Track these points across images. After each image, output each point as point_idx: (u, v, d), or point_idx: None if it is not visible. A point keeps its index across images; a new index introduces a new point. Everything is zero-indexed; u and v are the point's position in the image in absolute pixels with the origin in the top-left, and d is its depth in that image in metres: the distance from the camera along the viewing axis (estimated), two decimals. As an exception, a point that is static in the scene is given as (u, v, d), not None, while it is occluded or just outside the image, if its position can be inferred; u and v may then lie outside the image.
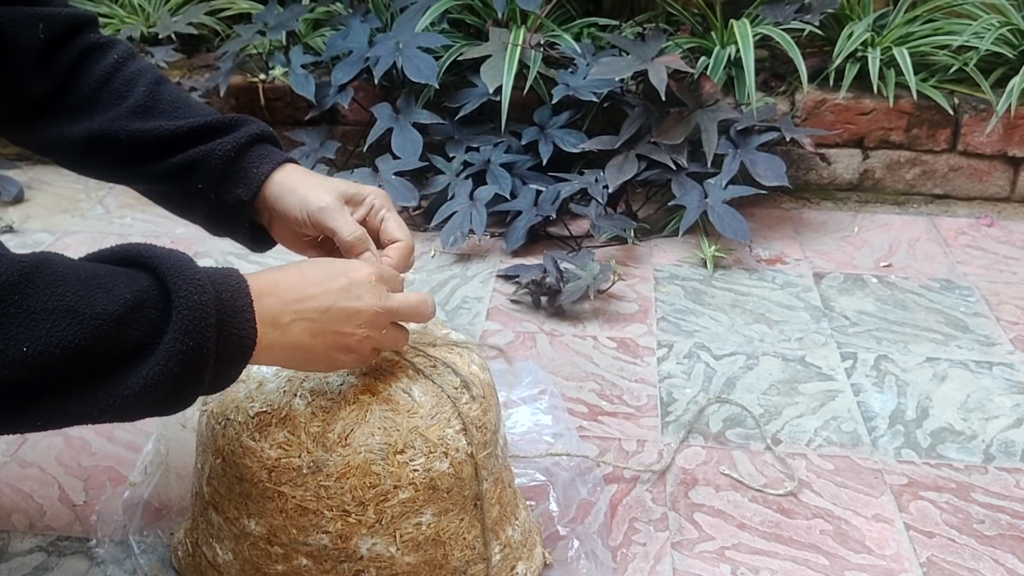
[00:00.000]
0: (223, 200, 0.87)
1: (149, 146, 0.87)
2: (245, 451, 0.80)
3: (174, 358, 0.64)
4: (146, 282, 0.65)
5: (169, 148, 0.87)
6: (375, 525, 0.79)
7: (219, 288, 0.67)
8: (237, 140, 0.87)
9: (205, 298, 0.65)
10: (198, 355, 0.65)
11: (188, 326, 0.64)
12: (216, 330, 0.66)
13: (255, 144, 0.88)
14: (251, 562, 0.83)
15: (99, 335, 0.62)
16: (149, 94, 0.89)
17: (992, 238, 1.69)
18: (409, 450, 0.79)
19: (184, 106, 0.89)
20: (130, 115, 0.87)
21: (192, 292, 0.65)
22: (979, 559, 0.97)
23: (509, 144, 1.70)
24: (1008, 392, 1.25)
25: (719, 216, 1.56)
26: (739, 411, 1.20)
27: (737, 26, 1.70)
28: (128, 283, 0.64)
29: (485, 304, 1.45)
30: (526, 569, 0.90)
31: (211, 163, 0.86)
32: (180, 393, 0.66)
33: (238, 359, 0.69)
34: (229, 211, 0.88)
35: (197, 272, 0.66)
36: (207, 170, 0.86)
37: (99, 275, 0.64)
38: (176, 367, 0.64)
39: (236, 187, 0.87)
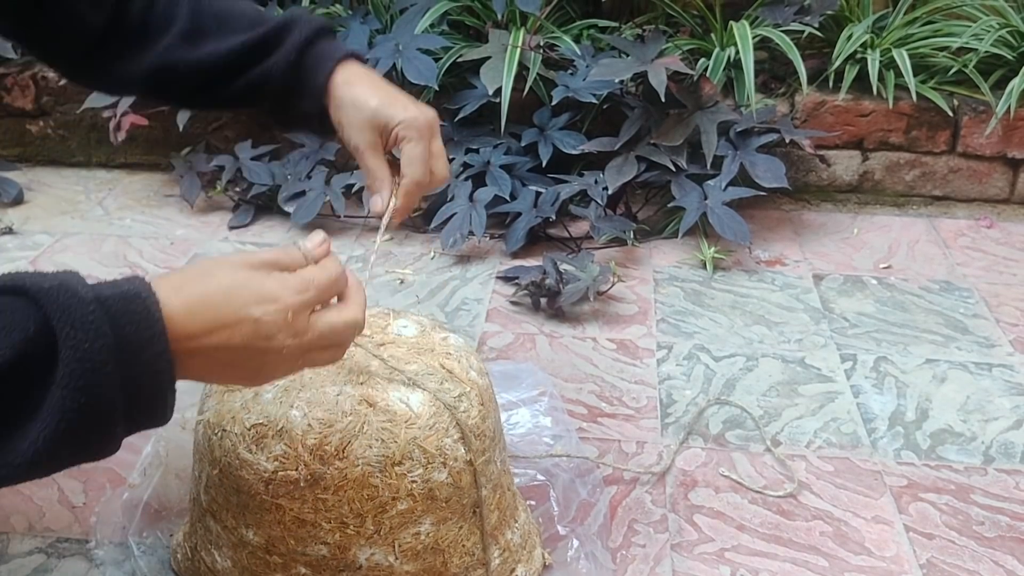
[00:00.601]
0: (294, 116, 0.90)
1: (206, 74, 0.88)
2: (242, 463, 0.79)
3: (67, 416, 0.55)
4: (32, 328, 0.55)
5: (225, 73, 0.88)
6: (374, 536, 0.79)
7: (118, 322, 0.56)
8: (288, 57, 0.87)
9: (98, 344, 0.55)
10: (96, 408, 0.56)
11: (78, 380, 0.54)
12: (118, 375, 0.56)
13: (307, 51, 0.88)
14: (250, 570, 0.83)
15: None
16: (192, 14, 0.88)
17: (992, 240, 1.69)
18: (407, 461, 0.78)
19: (230, 19, 0.89)
20: (181, 41, 0.88)
21: (82, 338, 0.54)
22: (979, 561, 0.97)
23: (509, 146, 1.70)
24: (1008, 394, 1.25)
25: (719, 218, 1.56)
26: (739, 413, 1.20)
27: (737, 28, 1.70)
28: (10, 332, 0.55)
29: (485, 306, 1.45)
30: (525, 571, 0.90)
31: (270, 85, 0.87)
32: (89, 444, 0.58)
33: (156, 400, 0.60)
34: (301, 122, 0.91)
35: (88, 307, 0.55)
36: (269, 92, 0.88)
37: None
38: (72, 425, 0.55)
39: (301, 101, 0.88)
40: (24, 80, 1.88)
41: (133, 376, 0.57)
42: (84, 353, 0.54)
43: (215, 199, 1.75)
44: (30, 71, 1.88)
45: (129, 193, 1.82)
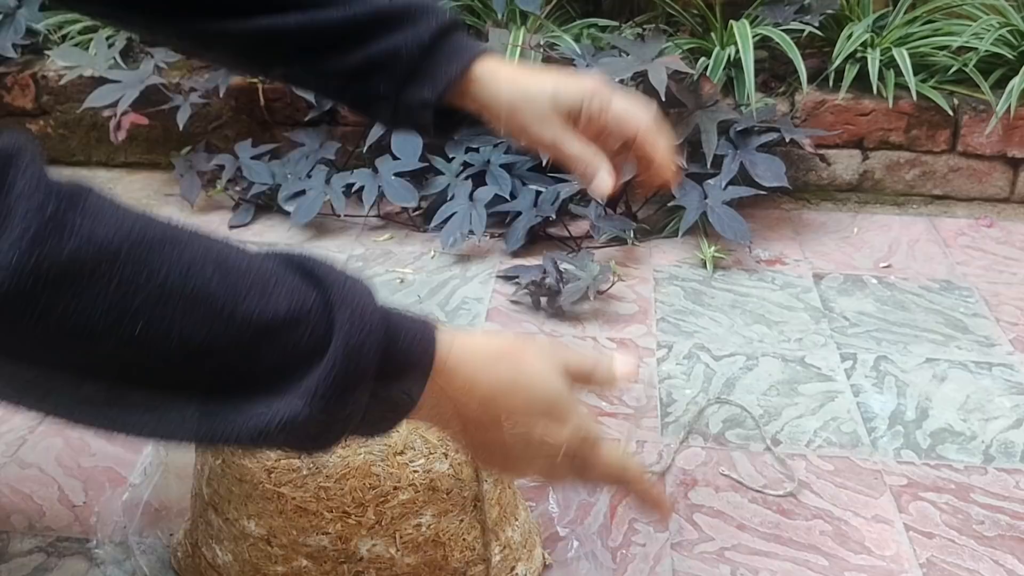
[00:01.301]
0: (405, 102, 0.78)
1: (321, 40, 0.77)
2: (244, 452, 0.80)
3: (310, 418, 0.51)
4: (311, 303, 0.52)
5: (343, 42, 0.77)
6: (375, 526, 0.79)
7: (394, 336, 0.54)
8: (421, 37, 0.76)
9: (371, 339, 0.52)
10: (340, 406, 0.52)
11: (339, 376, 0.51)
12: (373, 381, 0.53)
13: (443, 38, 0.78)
14: (251, 563, 0.83)
15: (231, 343, 0.50)
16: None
17: (992, 239, 1.69)
18: (409, 451, 0.79)
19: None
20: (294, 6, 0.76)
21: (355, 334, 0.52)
22: (979, 560, 0.97)
23: (509, 145, 1.70)
24: (1008, 393, 1.25)
25: (719, 217, 1.56)
26: (739, 412, 1.20)
27: (737, 27, 1.70)
28: (290, 295, 0.52)
29: (485, 305, 1.45)
30: (526, 570, 0.90)
31: (395, 65, 0.76)
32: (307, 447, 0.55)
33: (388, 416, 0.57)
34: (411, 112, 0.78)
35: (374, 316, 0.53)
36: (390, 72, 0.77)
37: (263, 273, 0.52)
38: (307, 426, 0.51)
39: (422, 88, 0.77)
40: (24, 79, 1.88)
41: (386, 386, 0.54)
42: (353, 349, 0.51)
43: (215, 198, 1.75)
44: (30, 70, 1.88)
45: (129, 192, 1.82)
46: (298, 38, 0.77)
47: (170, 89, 1.81)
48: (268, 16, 0.77)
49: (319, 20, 0.76)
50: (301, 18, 0.76)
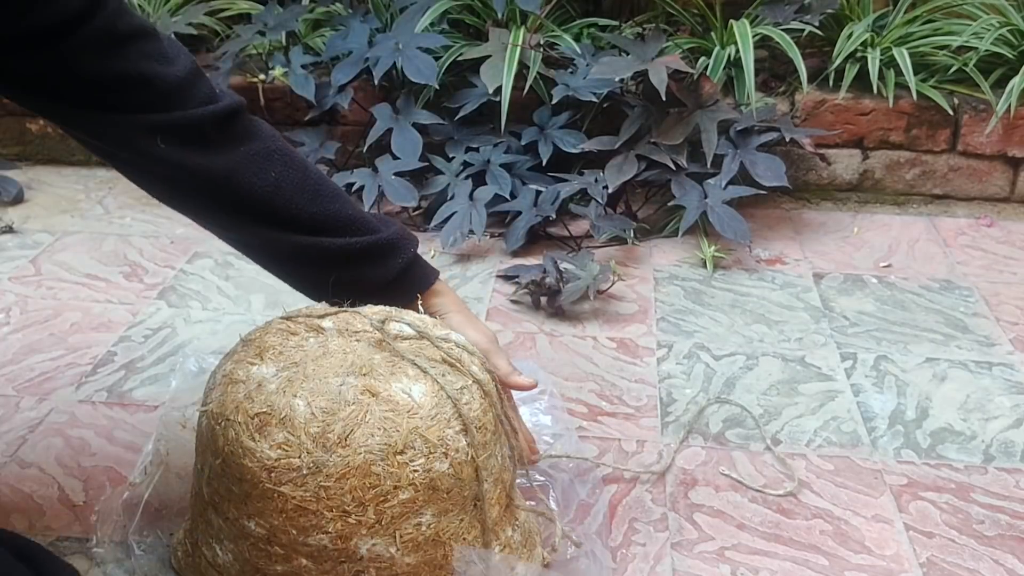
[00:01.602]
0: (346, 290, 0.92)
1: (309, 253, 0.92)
2: (245, 451, 0.80)
3: None
4: None
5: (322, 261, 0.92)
6: (375, 525, 0.79)
7: None
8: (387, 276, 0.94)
9: None
10: None
11: None
12: None
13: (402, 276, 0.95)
14: (251, 563, 0.83)
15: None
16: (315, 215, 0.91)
17: (992, 238, 1.69)
18: (409, 450, 0.79)
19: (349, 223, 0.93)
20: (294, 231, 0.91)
21: None
22: (979, 559, 0.97)
23: (509, 144, 1.70)
24: (1008, 392, 1.25)
25: (719, 216, 1.56)
26: (739, 411, 1.20)
27: (737, 26, 1.70)
28: None
29: (485, 304, 1.45)
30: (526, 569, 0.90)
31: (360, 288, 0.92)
32: None
33: None
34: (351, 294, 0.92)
35: None
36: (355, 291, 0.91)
37: None
38: None
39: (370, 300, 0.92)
40: (24, 79, 1.88)
41: None
42: None
43: (215, 198, 1.74)
44: (30, 70, 1.87)
45: (129, 192, 1.82)
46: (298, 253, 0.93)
47: (170, 89, 1.80)
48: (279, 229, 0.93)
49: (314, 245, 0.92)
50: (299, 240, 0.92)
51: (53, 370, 1.26)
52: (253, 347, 0.86)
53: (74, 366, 1.27)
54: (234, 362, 0.85)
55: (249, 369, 0.83)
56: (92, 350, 1.30)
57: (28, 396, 1.20)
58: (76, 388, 1.22)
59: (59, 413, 1.17)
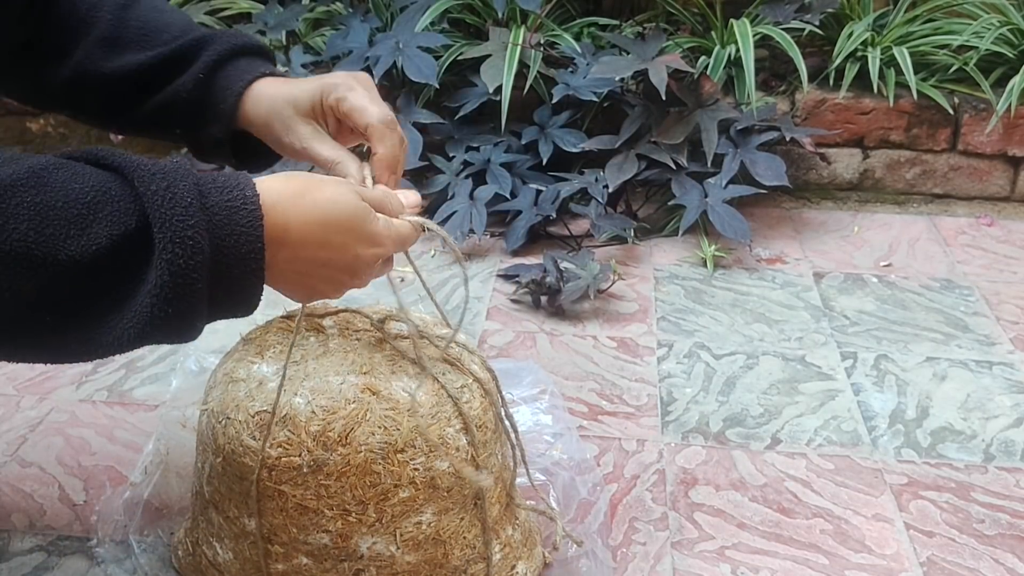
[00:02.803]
0: (204, 142, 0.82)
1: (119, 89, 0.80)
2: (245, 450, 0.80)
3: (152, 321, 0.56)
4: (132, 223, 0.56)
5: (138, 91, 0.80)
6: (375, 524, 0.79)
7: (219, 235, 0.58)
8: (196, 75, 0.78)
9: (194, 261, 0.56)
10: (180, 319, 0.58)
11: (167, 292, 0.56)
12: (208, 289, 0.58)
13: (218, 71, 0.80)
14: (251, 561, 0.83)
15: (60, 284, 0.54)
16: (115, 20, 0.80)
17: (992, 238, 1.69)
18: (409, 449, 0.79)
19: (154, 30, 0.80)
20: (98, 48, 0.80)
21: (179, 253, 0.55)
22: (979, 559, 0.97)
23: (509, 144, 1.70)
24: (1008, 392, 1.25)
25: (719, 216, 1.56)
26: (739, 410, 1.20)
27: (737, 26, 1.70)
28: (110, 223, 0.55)
29: (485, 304, 1.45)
30: (526, 568, 0.90)
31: (178, 106, 0.79)
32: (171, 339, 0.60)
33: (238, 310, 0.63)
34: (214, 151, 0.83)
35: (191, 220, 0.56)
36: (177, 114, 0.79)
37: (79, 203, 0.55)
38: (155, 328, 0.57)
39: (210, 126, 0.80)
40: (24, 78, 1.88)
41: (224, 287, 0.59)
42: (179, 268, 0.55)
43: (215, 197, 1.74)
44: (30, 69, 1.88)
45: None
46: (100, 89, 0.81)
47: (170, 88, 1.80)
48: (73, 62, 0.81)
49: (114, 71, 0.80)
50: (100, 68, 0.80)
51: (53, 369, 1.26)
52: (254, 346, 0.86)
53: (74, 365, 1.27)
54: (235, 361, 0.85)
55: (250, 368, 0.83)
56: (92, 349, 1.30)
57: (28, 395, 1.20)
58: (76, 387, 1.22)
59: (59, 412, 1.17)
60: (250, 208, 0.59)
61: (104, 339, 0.57)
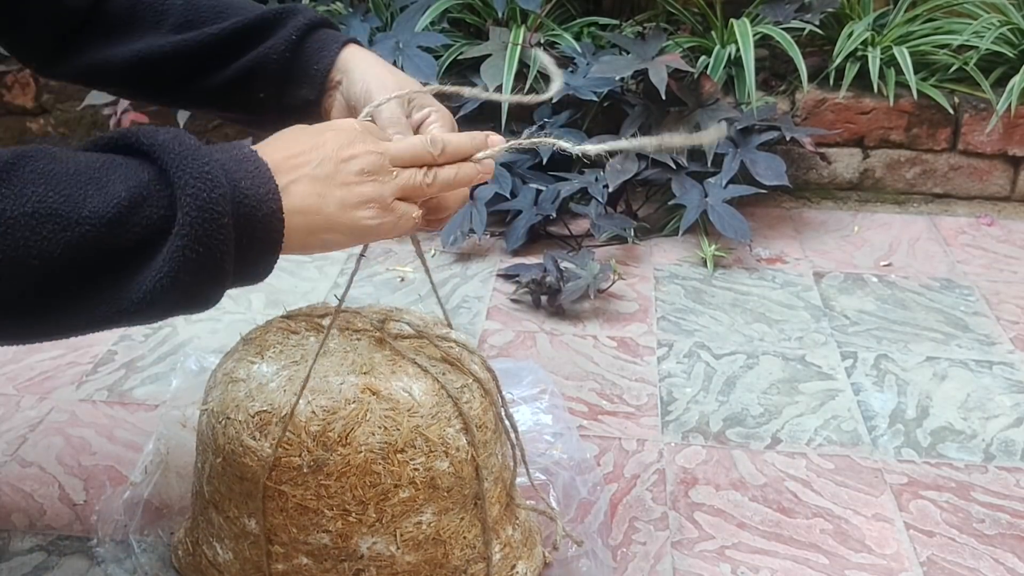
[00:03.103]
0: (289, 104, 0.83)
1: (198, 58, 0.81)
2: (245, 450, 0.80)
3: (183, 266, 0.56)
4: (147, 175, 0.56)
5: (219, 58, 0.81)
6: (375, 524, 0.79)
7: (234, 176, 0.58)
8: (288, 37, 0.81)
9: (216, 194, 0.56)
10: (212, 260, 0.57)
11: (197, 230, 0.55)
12: (235, 230, 0.57)
13: (308, 36, 0.82)
14: (251, 561, 0.83)
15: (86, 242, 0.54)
16: (186, 6, 0.82)
17: (992, 237, 1.69)
18: (409, 449, 0.79)
19: (226, 8, 0.83)
20: (172, 33, 0.81)
21: (201, 188, 0.56)
22: (979, 558, 0.97)
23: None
24: (1008, 391, 1.25)
25: (719, 215, 1.56)
26: (739, 410, 1.20)
27: (737, 25, 1.70)
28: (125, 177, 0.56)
29: (485, 303, 1.45)
30: (526, 568, 0.90)
31: (268, 68, 0.81)
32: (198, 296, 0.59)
33: (268, 252, 0.62)
34: (298, 113, 0.82)
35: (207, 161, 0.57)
36: (265, 76, 0.81)
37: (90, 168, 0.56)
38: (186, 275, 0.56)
39: (300, 88, 0.82)
40: (24, 78, 1.88)
41: (249, 230, 0.58)
42: (204, 203, 0.55)
43: (215, 197, 1.74)
44: (30, 69, 1.88)
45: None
46: (175, 61, 0.81)
47: (170, 88, 1.80)
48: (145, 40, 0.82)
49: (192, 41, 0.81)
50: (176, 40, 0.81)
51: (53, 369, 1.26)
52: (254, 346, 0.86)
53: (75, 365, 1.27)
54: (235, 361, 0.85)
55: (250, 368, 0.83)
56: (92, 349, 1.30)
57: (29, 395, 1.20)
58: (77, 387, 1.22)
59: (60, 412, 1.17)
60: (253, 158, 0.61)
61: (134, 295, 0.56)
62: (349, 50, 0.83)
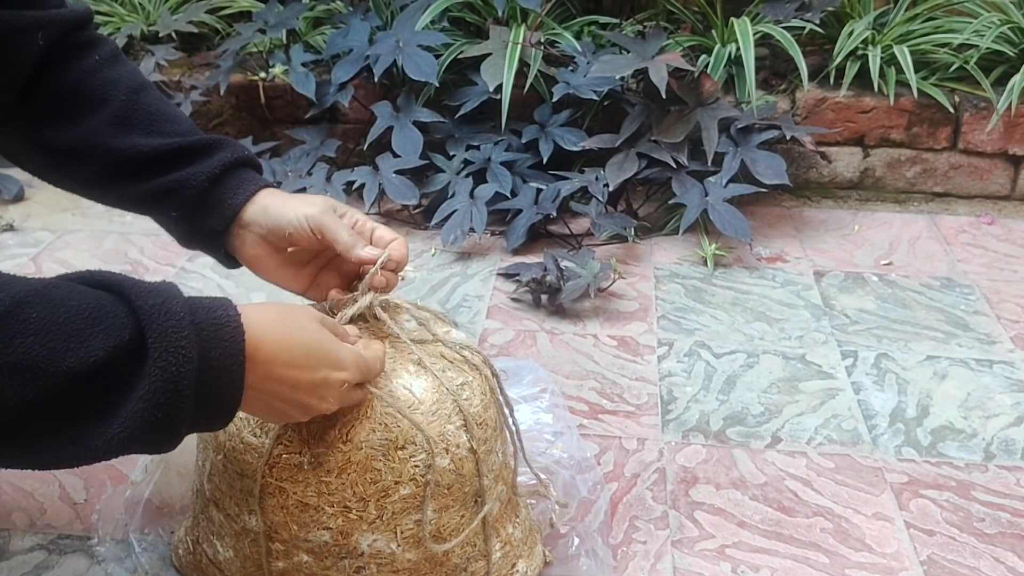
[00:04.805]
0: (197, 228, 0.87)
1: (123, 166, 0.85)
2: (246, 447, 0.80)
3: (142, 425, 0.60)
4: (127, 335, 0.60)
5: (143, 170, 0.85)
6: (376, 521, 0.80)
7: (206, 347, 0.62)
8: (211, 169, 0.85)
9: (185, 369, 0.61)
10: (169, 423, 0.61)
11: (160, 398, 0.60)
12: (194, 399, 0.62)
13: (230, 172, 0.86)
14: (252, 559, 0.83)
15: (59, 392, 0.58)
16: (128, 104, 0.86)
17: (992, 236, 1.69)
18: (410, 446, 0.79)
19: (163, 120, 0.87)
20: (109, 126, 0.85)
21: (171, 362, 0.60)
22: (979, 557, 0.97)
23: (509, 142, 1.70)
24: (1008, 390, 1.25)
25: (719, 214, 1.56)
26: (740, 409, 1.20)
27: (737, 24, 1.70)
28: (106, 335, 0.59)
29: (485, 302, 1.45)
30: (527, 567, 0.90)
31: (184, 193, 0.85)
32: (154, 447, 0.64)
33: (219, 420, 0.67)
34: (203, 238, 0.88)
35: (183, 332, 0.61)
36: (181, 199, 0.85)
37: (79, 318, 0.59)
38: (144, 433, 0.61)
39: (210, 217, 0.86)
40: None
41: (207, 396, 0.63)
42: (171, 376, 0.60)
43: (216, 196, 1.75)
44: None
45: (130, 190, 1.82)
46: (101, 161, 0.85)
47: (171, 87, 1.80)
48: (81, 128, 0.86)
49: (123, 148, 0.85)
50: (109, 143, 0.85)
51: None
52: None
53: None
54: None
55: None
56: (93, 348, 1.30)
57: (29, 394, 1.20)
58: (77, 386, 1.22)
59: (60, 411, 1.17)
60: (233, 326, 0.64)
61: (95, 443, 0.60)
62: (264, 192, 0.87)
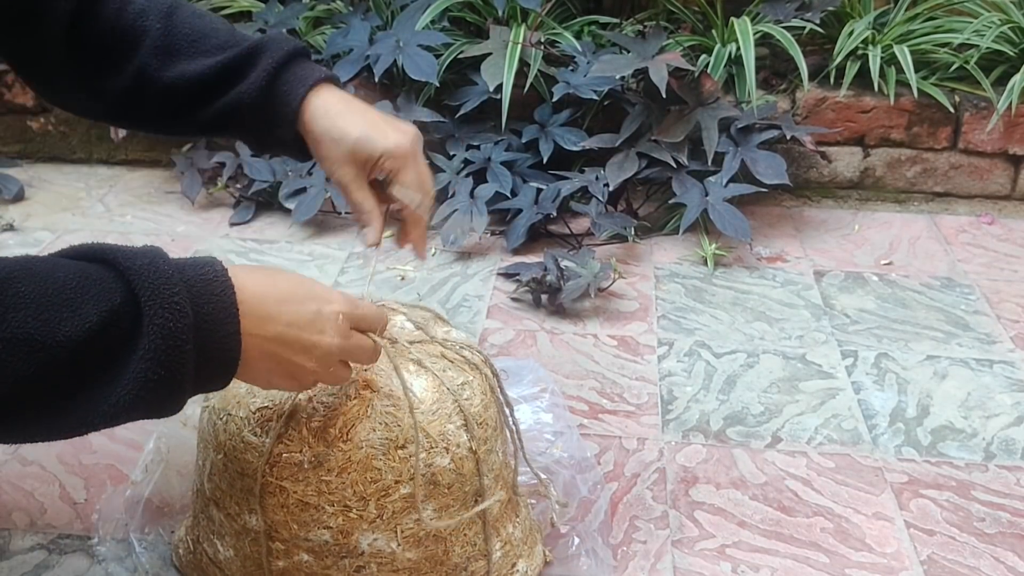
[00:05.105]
0: (269, 141, 0.88)
1: (179, 96, 0.85)
2: (247, 446, 0.80)
3: (146, 385, 0.60)
4: (118, 298, 0.60)
5: (197, 97, 0.85)
6: (376, 520, 0.80)
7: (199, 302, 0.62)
8: (259, 81, 0.84)
9: (182, 323, 0.61)
10: (173, 380, 0.61)
11: (161, 355, 0.60)
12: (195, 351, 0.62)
13: (278, 78, 0.84)
14: (252, 558, 0.83)
15: (57, 363, 0.58)
16: (165, 31, 0.85)
17: (993, 236, 1.69)
18: (410, 445, 0.79)
19: (202, 37, 0.85)
20: (153, 58, 0.84)
21: (168, 318, 0.60)
22: (979, 557, 0.97)
23: (509, 142, 1.70)
24: (1008, 390, 1.25)
25: (720, 214, 1.56)
26: (740, 409, 1.20)
27: (738, 24, 1.70)
28: (97, 300, 0.59)
29: (485, 302, 1.45)
30: (527, 566, 0.90)
31: (243, 111, 0.84)
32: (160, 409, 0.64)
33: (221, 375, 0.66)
34: (282, 148, 0.89)
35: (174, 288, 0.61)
36: (243, 118, 0.85)
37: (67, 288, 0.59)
38: (148, 393, 0.61)
39: (275, 129, 0.85)
40: (25, 77, 1.88)
41: (207, 351, 0.63)
42: (169, 332, 0.60)
43: (216, 196, 1.75)
44: (31, 68, 1.87)
45: (130, 190, 1.82)
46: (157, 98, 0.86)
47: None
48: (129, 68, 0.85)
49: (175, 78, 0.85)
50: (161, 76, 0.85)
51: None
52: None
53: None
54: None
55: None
56: (93, 348, 1.30)
57: (29, 394, 1.20)
58: (77, 386, 1.22)
59: (60, 411, 1.17)
60: (222, 280, 0.64)
61: (101, 408, 0.60)
62: (315, 96, 0.85)
